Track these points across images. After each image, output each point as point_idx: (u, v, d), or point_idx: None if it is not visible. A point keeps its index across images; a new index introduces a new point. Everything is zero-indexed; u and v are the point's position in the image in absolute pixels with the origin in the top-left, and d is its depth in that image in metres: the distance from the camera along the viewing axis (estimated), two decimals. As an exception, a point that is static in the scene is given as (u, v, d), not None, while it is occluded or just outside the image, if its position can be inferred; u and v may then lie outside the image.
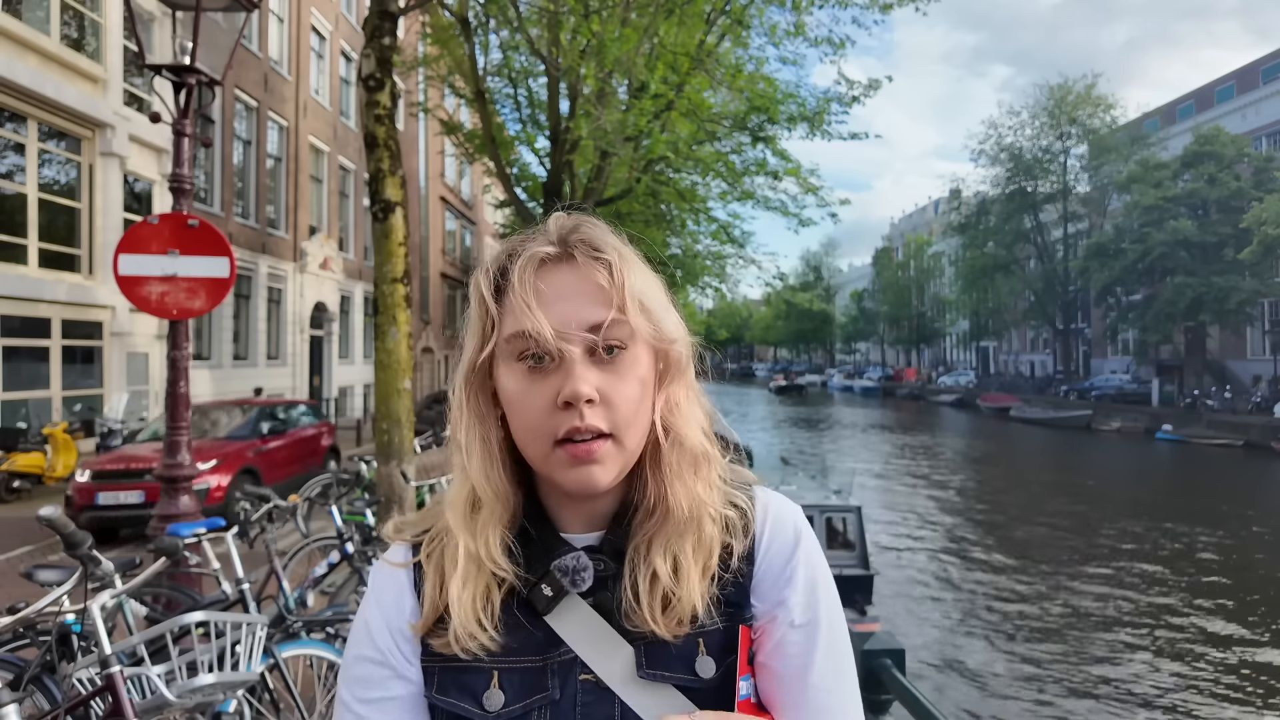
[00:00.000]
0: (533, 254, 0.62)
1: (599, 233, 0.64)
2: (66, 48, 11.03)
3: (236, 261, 4.09)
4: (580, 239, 0.63)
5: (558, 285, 0.61)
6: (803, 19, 9.06)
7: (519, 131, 11.89)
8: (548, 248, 0.63)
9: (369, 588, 0.68)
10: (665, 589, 0.61)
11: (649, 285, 0.64)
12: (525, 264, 0.62)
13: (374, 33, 5.38)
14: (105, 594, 2.31)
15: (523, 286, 0.60)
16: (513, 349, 0.61)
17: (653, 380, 0.64)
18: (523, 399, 0.60)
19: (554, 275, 0.62)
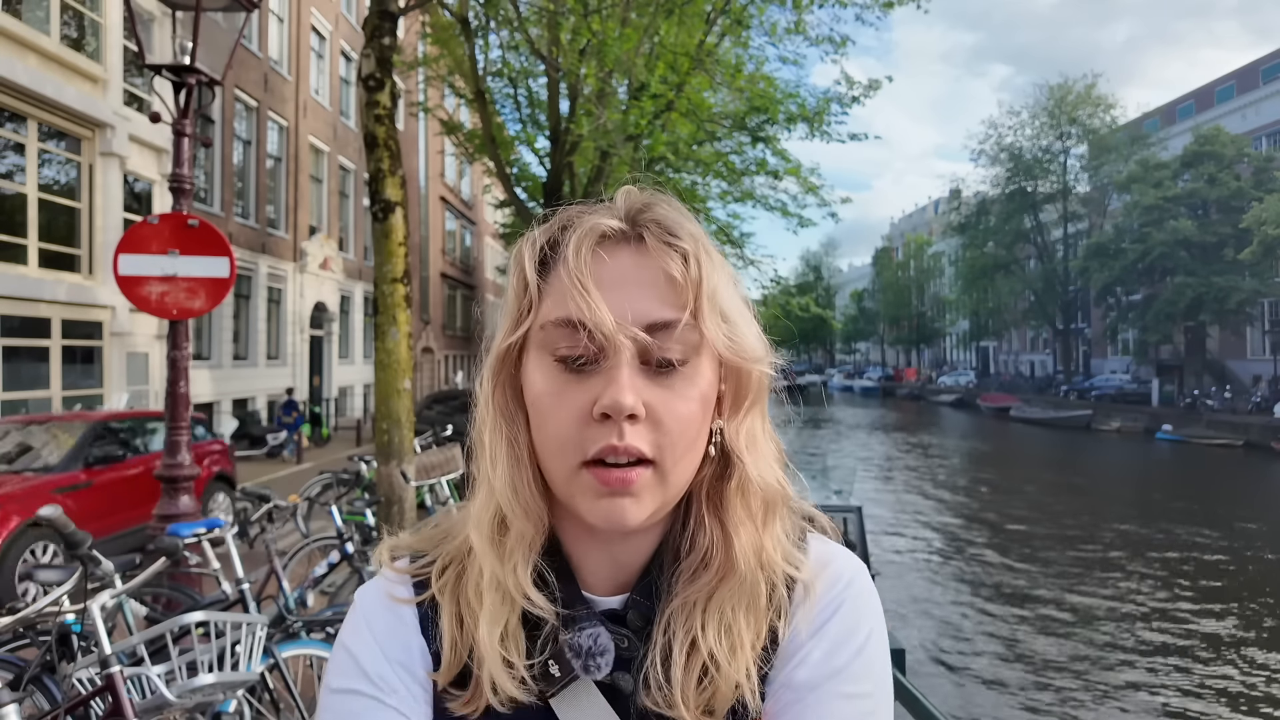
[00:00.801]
0: (593, 225, 0.52)
1: (676, 215, 0.54)
2: (66, 47, 11.03)
3: (236, 261, 4.09)
4: (653, 219, 0.53)
5: (618, 269, 0.50)
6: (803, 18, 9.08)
7: (519, 131, 11.90)
8: (612, 221, 0.52)
9: (355, 616, 0.56)
10: (705, 664, 0.50)
11: (730, 287, 0.53)
12: (583, 236, 0.51)
13: (374, 32, 5.38)
14: (105, 594, 2.31)
15: (577, 262, 0.50)
16: (549, 339, 0.50)
17: (713, 402, 0.53)
18: (552, 402, 0.50)
19: (615, 257, 0.51)
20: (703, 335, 0.50)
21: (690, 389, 0.50)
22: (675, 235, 0.52)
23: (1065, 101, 34.85)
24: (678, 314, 0.49)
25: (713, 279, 0.51)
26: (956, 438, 25.42)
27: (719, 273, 0.52)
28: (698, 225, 0.54)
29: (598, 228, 0.52)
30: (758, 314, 0.56)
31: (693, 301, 0.50)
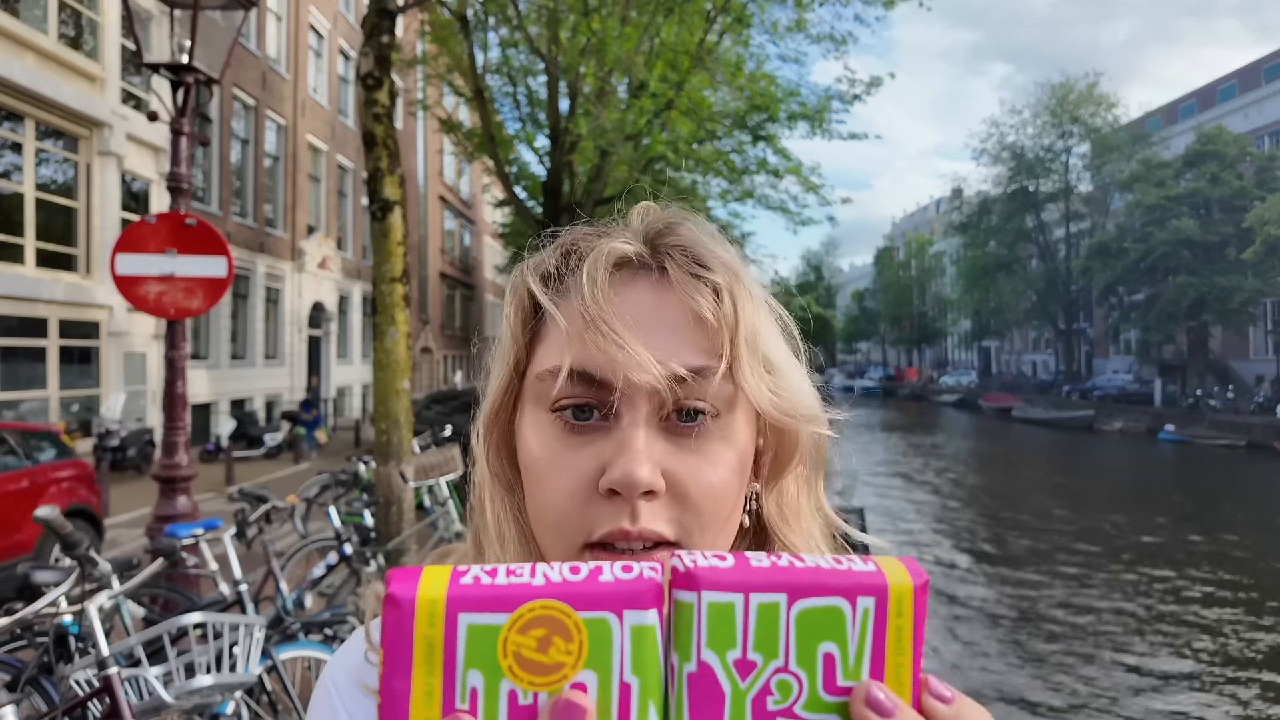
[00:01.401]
0: (606, 255, 0.43)
1: (705, 239, 0.45)
2: (64, 46, 11.00)
3: (234, 261, 4.07)
4: (678, 244, 0.44)
5: (635, 306, 0.42)
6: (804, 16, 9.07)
7: (518, 130, 11.89)
8: (627, 247, 0.44)
9: (326, 700, 0.48)
10: None
11: (772, 327, 0.45)
12: (593, 271, 0.42)
13: (372, 31, 5.37)
14: (102, 595, 2.30)
15: (594, 295, 0.41)
16: (546, 390, 0.41)
17: (750, 466, 0.44)
18: (547, 469, 0.41)
19: (630, 291, 0.43)
20: (739, 387, 0.41)
21: (724, 452, 0.41)
22: (705, 265, 0.43)
23: (1067, 100, 34.83)
24: (709, 361, 0.41)
25: (752, 319, 0.42)
26: (958, 438, 25.42)
27: (760, 311, 0.44)
28: (732, 252, 0.46)
29: (611, 256, 0.43)
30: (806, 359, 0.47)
31: (728, 347, 0.41)
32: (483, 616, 0.23)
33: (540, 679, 0.23)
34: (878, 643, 0.25)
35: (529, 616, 0.23)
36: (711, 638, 0.24)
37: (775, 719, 0.24)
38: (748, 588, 0.24)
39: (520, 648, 0.23)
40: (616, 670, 0.23)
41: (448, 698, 0.23)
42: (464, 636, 0.23)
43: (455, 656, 0.23)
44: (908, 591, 0.25)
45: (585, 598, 0.24)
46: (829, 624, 0.24)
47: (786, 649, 0.24)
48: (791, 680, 0.24)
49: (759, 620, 0.24)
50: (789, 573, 0.25)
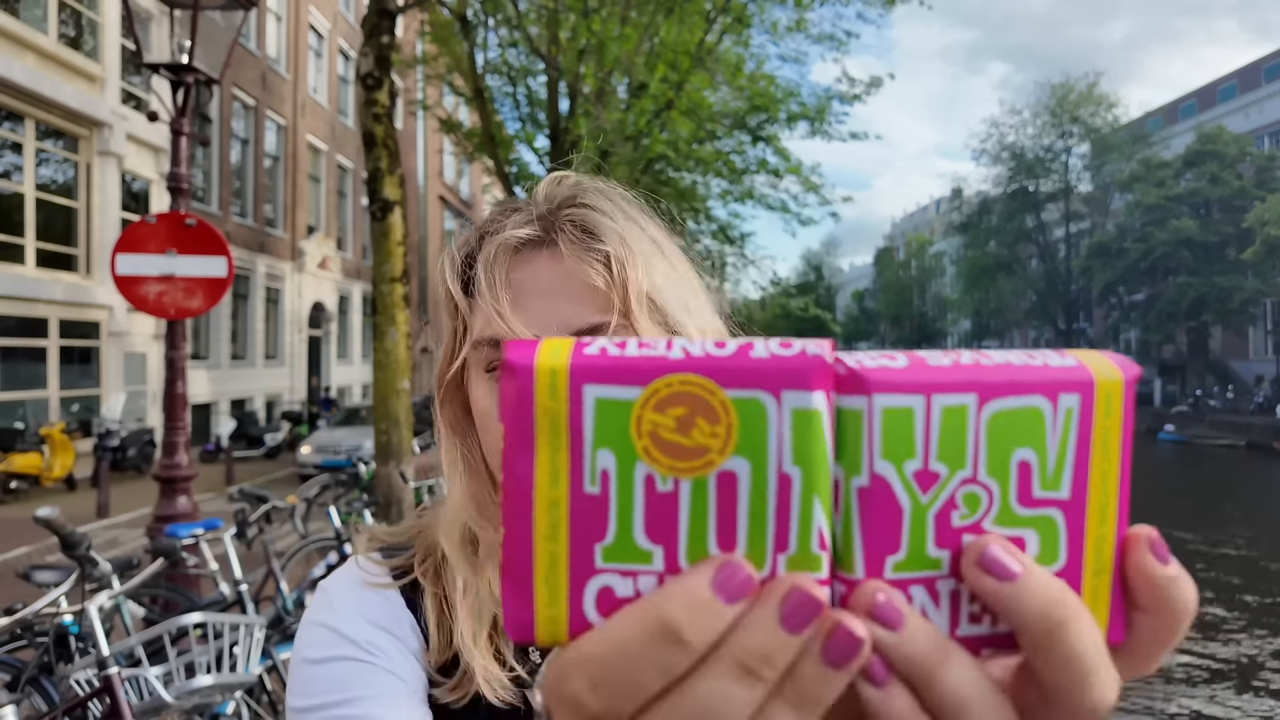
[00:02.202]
0: (505, 239, 0.50)
1: (597, 209, 0.51)
2: (64, 46, 11.00)
3: (234, 261, 4.07)
4: (570, 219, 0.51)
5: (537, 278, 0.49)
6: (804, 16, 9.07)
7: (518, 130, 11.89)
8: (523, 229, 0.51)
9: (329, 596, 0.55)
10: None
11: (669, 277, 0.51)
12: (495, 252, 0.50)
13: (372, 31, 5.37)
14: (103, 595, 2.30)
15: (489, 280, 0.49)
16: (480, 357, 0.50)
17: None
18: (490, 419, 0.49)
19: (532, 265, 0.50)
20: (637, 335, 0.47)
21: None
22: (594, 236, 0.49)
23: (1067, 100, 34.79)
24: (604, 317, 0.48)
25: (645, 278, 0.48)
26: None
27: (654, 269, 0.50)
28: (628, 214, 0.52)
29: (510, 241, 0.50)
30: (719, 296, 0.53)
31: (621, 302, 0.48)
32: (612, 389, 0.20)
33: (682, 464, 0.19)
34: (1081, 448, 0.21)
35: (666, 392, 0.20)
36: (887, 446, 0.20)
37: (961, 535, 0.21)
38: (929, 388, 0.20)
39: (658, 427, 0.19)
40: (774, 459, 0.19)
41: (575, 480, 0.20)
42: (591, 410, 0.20)
43: (583, 433, 0.20)
44: (1117, 386, 0.21)
45: (735, 373, 0.20)
46: (1026, 427, 0.21)
47: (976, 457, 0.20)
48: (980, 492, 0.21)
49: (944, 425, 0.20)
50: (977, 370, 0.21)
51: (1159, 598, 0.21)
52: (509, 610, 0.20)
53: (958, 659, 0.20)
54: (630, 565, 0.20)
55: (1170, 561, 0.21)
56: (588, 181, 0.54)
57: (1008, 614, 0.20)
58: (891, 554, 0.20)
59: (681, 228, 0.61)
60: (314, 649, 0.52)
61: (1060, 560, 0.21)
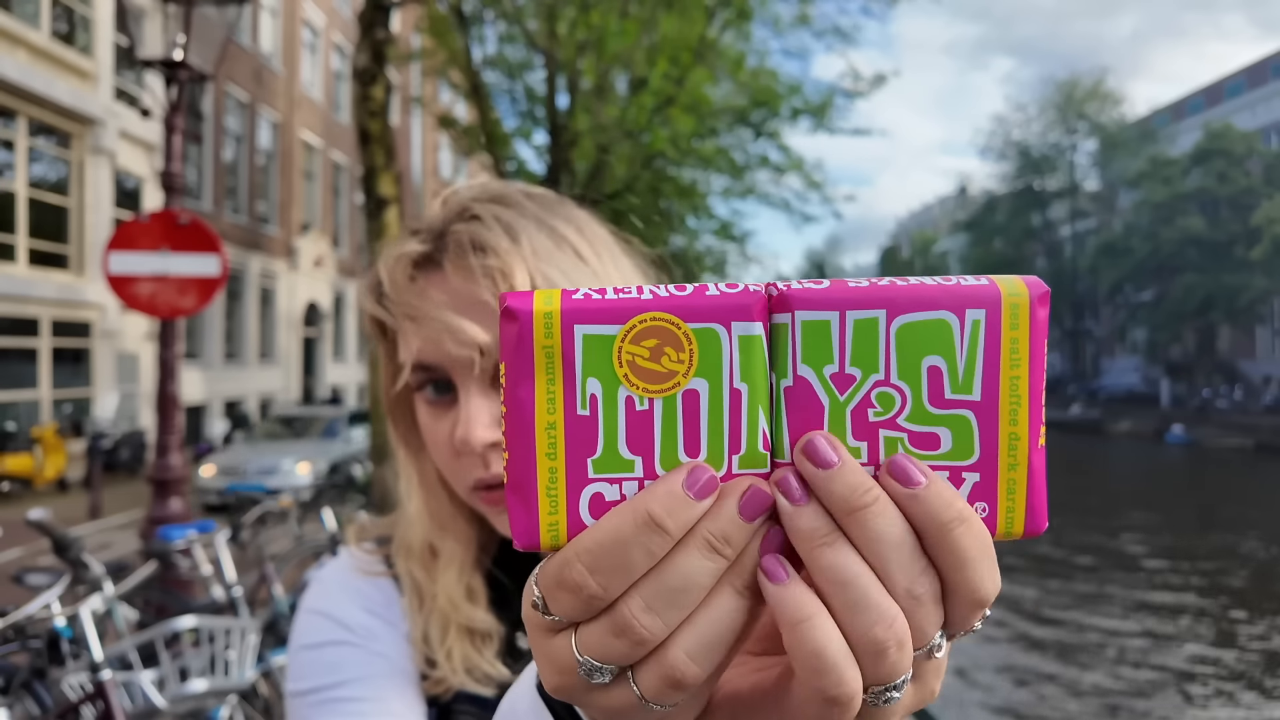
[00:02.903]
0: (400, 259, 0.52)
1: (484, 220, 0.51)
2: (57, 42, 10.90)
3: (227, 259, 4.03)
4: (459, 237, 0.51)
5: (434, 298, 0.50)
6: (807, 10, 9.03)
7: (516, 127, 11.83)
8: (417, 247, 0.52)
9: (322, 585, 0.57)
10: None
11: (572, 271, 0.51)
12: (394, 277, 0.52)
13: (368, 26, 5.32)
14: (95, 598, 2.28)
15: (393, 306, 0.51)
16: (412, 379, 0.53)
17: None
18: (429, 437, 0.52)
19: (429, 286, 0.51)
20: None
21: None
22: (480, 250, 0.50)
23: (1073, 96, 34.61)
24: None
25: (536, 282, 0.49)
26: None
27: (553, 268, 0.50)
28: (525, 217, 0.51)
29: (404, 265, 0.51)
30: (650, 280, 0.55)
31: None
32: (597, 327, 0.24)
33: (655, 386, 0.24)
34: (990, 356, 0.24)
35: (640, 327, 0.24)
36: (806, 353, 0.24)
37: (878, 429, 0.24)
38: (843, 305, 0.24)
39: (634, 356, 0.24)
40: (726, 378, 0.24)
41: (569, 402, 0.24)
42: (580, 345, 0.24)
43: (574, 365, 0.24)
44: (1024, 302, 0.24)
45: (694, 310, 0.24)
46: (934, 338, 0.24)
47: (887, 363, 0.24)
48: (893, 393, 0.24)
49: (856, 336, 0.24)
50: (889, 290, 0.24)
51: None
52: (516, 522, 0.24)
53: (883, 504, 0.23)
54: (616, 474, 0.24)
55: (922, 483, 0.24)
56: (488, 189, 0.54)
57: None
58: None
59: (664, 223, 0.61)
60: (309, 635, 0.55)
61: (975, 455, 0.24)
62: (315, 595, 0.57)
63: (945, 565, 0.24)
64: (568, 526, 0.24)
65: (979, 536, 0.24)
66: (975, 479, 0.25)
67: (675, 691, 0.23)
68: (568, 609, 0.24)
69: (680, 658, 0.23)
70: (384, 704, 0.51)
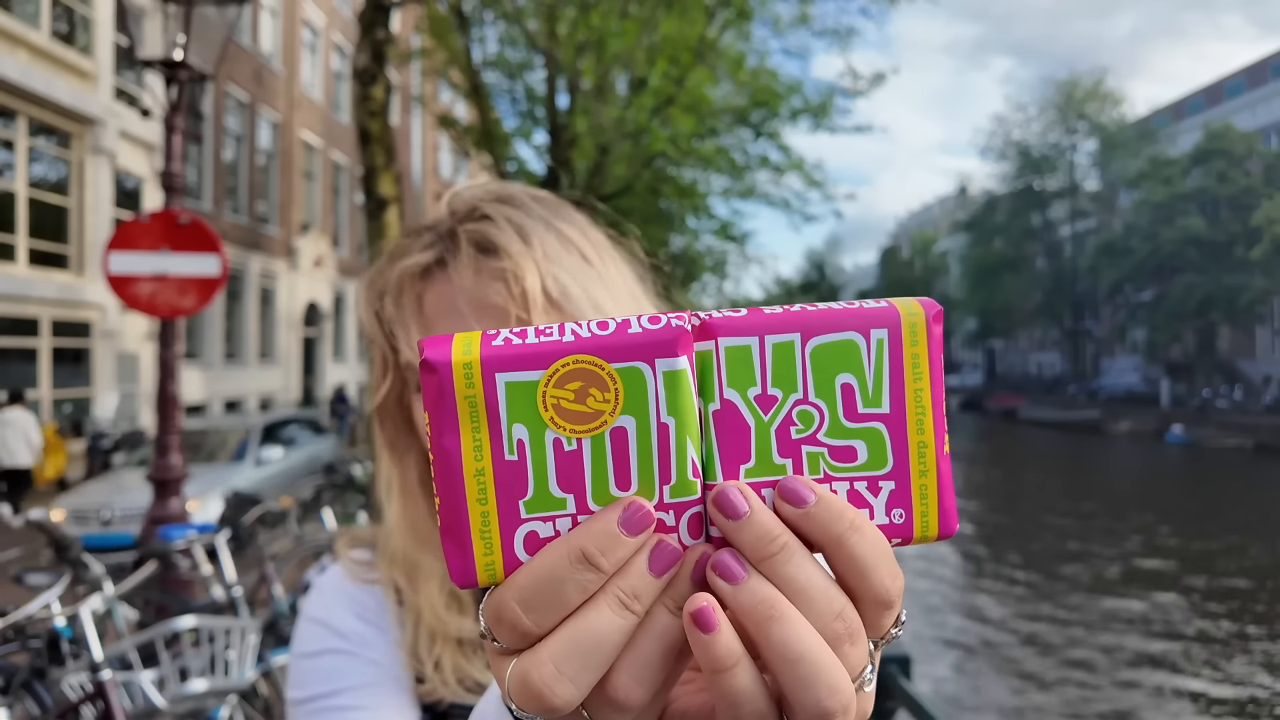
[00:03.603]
0: (408, 266, 0.52)
1: (495, 220, 0.51)
2: (57, 42, 10.90)
3: (227, 259, 4.03)
4: (467, 236, 0.51)
5: (442, 301, 0.50)
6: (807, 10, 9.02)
7: (516, 127, 11.82)
8: (424, 255, 0.52)
9: (320, 592, 0.58)
10: None
11: (579, 274, 0.52)
12: (401, 282, 0.52)
13: (368, 26, 5.32)
14: (95, 598, 2.28)
15: (399, 310, 0.51)
16: (411, 379, 0.53)
17: None
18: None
19: (435, 287, 0.51)
20: None
21: None
22: (490, 251, 0.50)
23: (1073, 96, 34.53)
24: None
25: (550, 282, 0.50)
26: (962, 441, 25.23)
27: (563, 268, 0.51)
28: (533, 217, 0.52)
29: (413, 268, 0.52)
30: (651, 285, 0.56)
31: (522, 311, 0.49)
32: (518, 374, 0.24)
33: (581, 426, 0.24)
34: (895, 371, 0.25)
35: (563, 371, 0.24)
36: (731, 377, 0.25)
37: (800, 446, 0.25)
38: (761, 330, 0.25)
39: (559, 400, 0.24)
40: (653, 413, 0.24)
41: (496, 449, 0.24)
42: (503, 394, 0.24)
43: (498, 413, 0.24)
44: (920, 320, 0.26)
45: (617, 350, 0.24)
46: (844, 357, 0.25)
47: (804, 382, 0.25)
48: (812, 410, 0.25)
49: (775, 358, 0.25)
50: (801, 315, 0.25)
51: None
52: (452, 564, 0.25)
53: (790, 548, 0.24)
54: (549, 513, 0.25)
55: (809, 500, 0.25)
56: (493, 189, 0.55)
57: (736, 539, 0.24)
58: (744, 463, 0.26)
59: (672, 223, 0.60)
60: (307, 643, 0.56)
61: (889, 464, 0.26)
62: (313, 603, 0.58)
63: (847, 574, 0.25)
64: (504, 564, 0.24)
65: (874, 541, 0.25)
66: (891, 487, 0.26)
67: (621, 713, 0.24)
68: (508, 641, 0.24)
69: (623, 680, 0.24)
70: (378, 713, 0.51)
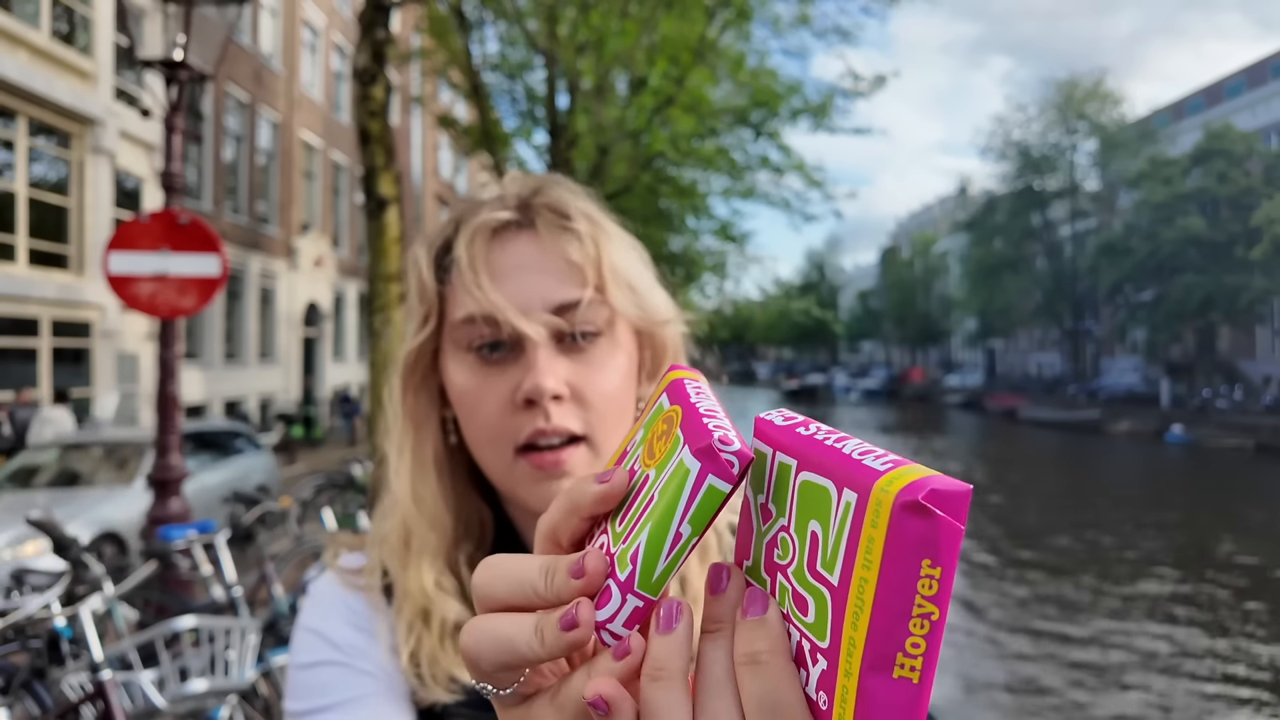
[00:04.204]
0: (484, 221, 0.53)
1: (566, 195, 0.55)
2: (57, 42, 10.90)
3: (227, 259, 4.03)
4: (544, 203, 0.54)
5: (516, 258, 0.52)
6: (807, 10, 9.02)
7: (516, 127, 11.82)
8: (502, 213, 0.53)
9: (315, 601, 0.57)
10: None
11: (631, 257, 0.55)
12: (474, 233, 0.52)
13: (368, 25, 5.32)
14: (95, 598, 2.27)
15: (471, 260, 0.51)
16: (462, 336, 0.52)
17: (636, 370, 0.55)
18: (475, 396, 0.51)
19: (511, 246, 0.53)
20: (612, 308, 0.52)
21: (610, 360, 0.53)
22: (568, 217, 0.53)
23: (1073, 96, 34.49)
24: (582, 292, 0.52)
25: (612, 254, 0.53)
26: (963, 440, 25.20)
27: (618, 246, 0.55)
28: (590, 202, 0.56)
29: (489, 222, 0.53)
30: (665, 279, 0.59)
31: (595, 277, 0.52)
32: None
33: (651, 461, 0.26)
34: (851, 543, 0.22)
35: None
36: (753, 480, 0.26)
37: (776, 572, 0.24)
38: (777, 445, 0.25)
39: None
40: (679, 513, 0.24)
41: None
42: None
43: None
44: (886, 503, 0.20)
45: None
46: (819, 502, 0.23)
47: (790, 511, 0.24)
48: (790, 542, 0.24)
49: (778, 477, 0.25)
50: (810, 443, 0.24)
51: None
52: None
53: (678, 684, 0.23)
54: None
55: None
56: (549, 175, 0.58)
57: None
58: (745, 559, 0.26)
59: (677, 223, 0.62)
60: (303, 654, 0.55)
61: (827, 640, 0.22)
62: (308, 611, 0.57)
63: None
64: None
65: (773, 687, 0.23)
66: (824, 666, 0.22)
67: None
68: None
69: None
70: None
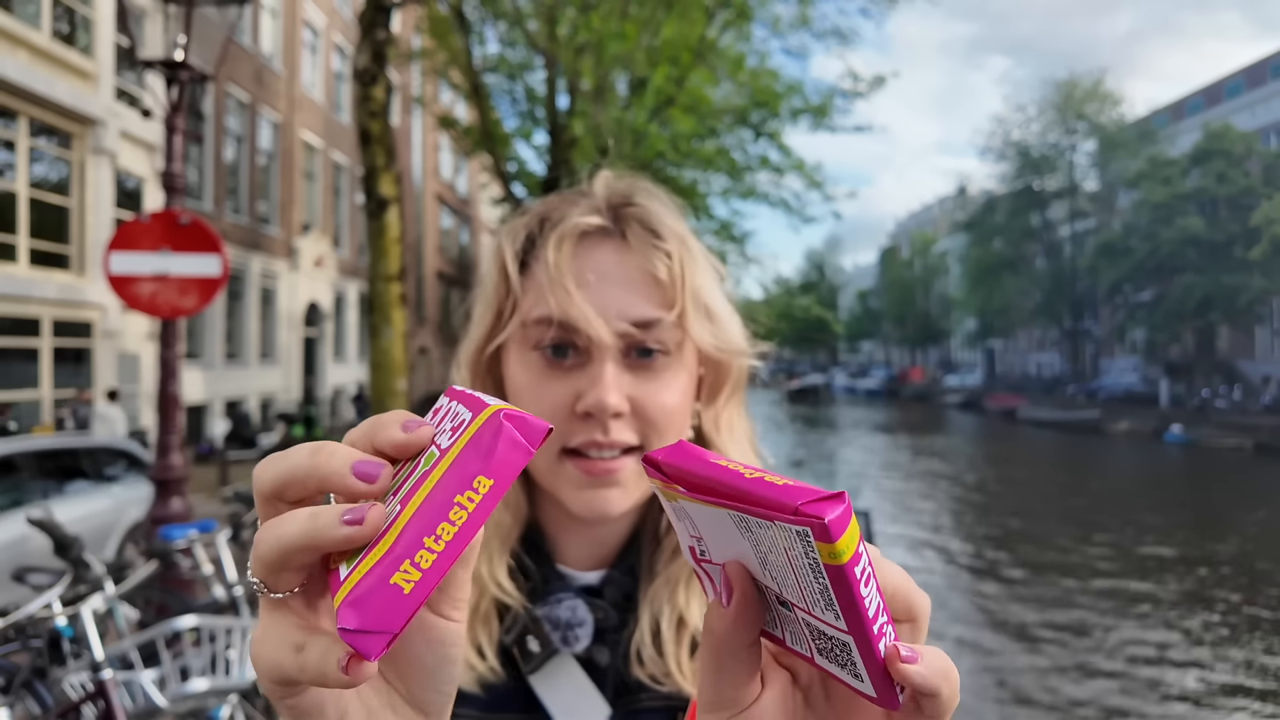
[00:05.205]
0: (574, 225, 0.52)
1: (659, 210, 0.54)
2: (58, 43, 10.91)
3: (228, 259, 4.03)
4: (636, 216, 0.53)
5: (600, 265, 0.52)
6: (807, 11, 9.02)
7: (516, 127, 11.83)
8: (593, 218, 0.53)
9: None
10: (695, 638, 0.51)
11: (712, 283, 0.55)
12: (563, 236, 0.52)
13: (368, 26, 5.33)
14: (96, 598, 2.27)
15: (557, 262, 0.51)
16: (531, 334, 0.52)
17: (695, 389, 0.55)
18: (533, 394, 0.51)
19: (598, 253, 0.52)
20: (686, 332, 0.52)
21: (674, 380, 0.53)
22: (659, 235, 0.53)
23: (1072, 97, 34.45)
24: (662, 313, 0.52)
25: (696, 278, 0.53)
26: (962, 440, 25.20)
27: (703, 271, 0.54)
28: (681, 219, 0.55)
29: (578, 226, 0.52)
30: (737, 306, 0.58)
31: (680, 301, 0.52)
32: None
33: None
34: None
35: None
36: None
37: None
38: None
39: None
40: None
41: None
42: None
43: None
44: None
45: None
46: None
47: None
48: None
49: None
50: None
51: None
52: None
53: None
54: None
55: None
56: (640, 182, 0.57)
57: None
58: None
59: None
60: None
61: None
62: None
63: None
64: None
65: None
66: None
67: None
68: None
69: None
70: None
